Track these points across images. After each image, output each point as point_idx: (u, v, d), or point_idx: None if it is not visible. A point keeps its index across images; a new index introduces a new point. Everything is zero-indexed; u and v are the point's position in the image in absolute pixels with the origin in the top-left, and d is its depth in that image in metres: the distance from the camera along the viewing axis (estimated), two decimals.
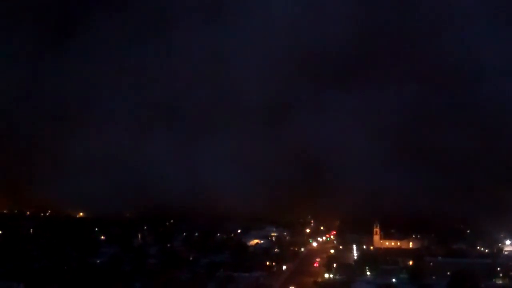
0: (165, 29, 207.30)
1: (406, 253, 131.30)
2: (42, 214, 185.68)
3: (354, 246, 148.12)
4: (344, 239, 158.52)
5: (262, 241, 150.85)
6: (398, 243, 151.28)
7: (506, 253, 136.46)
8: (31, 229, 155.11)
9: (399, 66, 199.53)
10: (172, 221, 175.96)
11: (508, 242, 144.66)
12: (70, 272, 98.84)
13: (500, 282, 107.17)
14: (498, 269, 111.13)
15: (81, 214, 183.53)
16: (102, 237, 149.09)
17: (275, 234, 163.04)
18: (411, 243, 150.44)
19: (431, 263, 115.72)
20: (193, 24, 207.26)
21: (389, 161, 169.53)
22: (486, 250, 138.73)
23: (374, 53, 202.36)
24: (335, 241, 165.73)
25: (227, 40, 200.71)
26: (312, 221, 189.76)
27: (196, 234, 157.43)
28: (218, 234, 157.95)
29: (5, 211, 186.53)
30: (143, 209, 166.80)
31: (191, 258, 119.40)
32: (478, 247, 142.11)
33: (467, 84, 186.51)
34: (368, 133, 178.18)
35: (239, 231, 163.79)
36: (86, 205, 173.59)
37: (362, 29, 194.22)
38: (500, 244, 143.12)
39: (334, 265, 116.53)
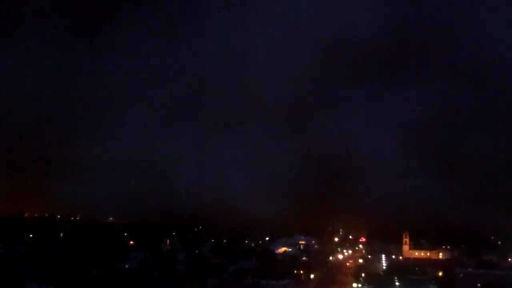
0: (187, 23, 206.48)
1: (436, 264, 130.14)
2: (72, 218, 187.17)
3: (383, 256, 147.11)
4: (373, 248, 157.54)
5: (290, 249, 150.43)
6: (428, 254, 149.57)
7: None
8: (61, 233, 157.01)
9: (429, 64, 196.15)
10: (200, 227, 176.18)
11: None
12: (99, 276, 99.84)
13: None
14: None
15: (110, 219, 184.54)
16: (131, 242, 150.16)
17: (303, 242, 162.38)
18: (441, 254, 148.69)
19: (461, 274, 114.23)
20: (216, 18, 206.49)
21: (418, 167, 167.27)
22: None
23: (402, 50, 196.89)
24: (363, 250, 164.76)
25: (250, 35, 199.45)
26: (340, 230, 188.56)
27: (224, 240, 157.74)
28: (246, 241, 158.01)
29: (36, 215, 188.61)
30: (169, 215, 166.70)
31: (219, 265, 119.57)
32: (509, 259, 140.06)
33: (500, 84, 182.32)
34: (396, 136, 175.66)
35: (267, 238, 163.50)
36: (112, 209, 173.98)
37: (388, 25, 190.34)
38: None
39: (363, 274, 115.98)
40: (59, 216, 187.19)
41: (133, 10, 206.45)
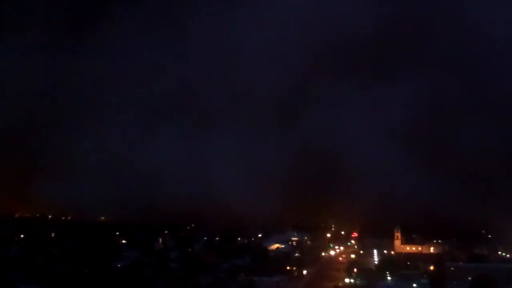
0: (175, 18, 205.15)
1: (427, 258, 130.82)
2: (63, 218, 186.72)
3: (375, 251, 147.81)
4: (365, 244, 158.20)
5: (283, 246, 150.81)
6: (419, 248, 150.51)
7: None
8: (53, 233, 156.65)
9: (423, 58, 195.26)
10: (193, 225, 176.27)
11: None
12: (92, 276, 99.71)
13: None
14: None
15: (102, 218, 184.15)
16: (123, 241, 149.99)
17: (295, 238, 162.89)
18: (432, 248, 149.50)
19: (452, 268, 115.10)
20: (203, 11, 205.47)
21: (409, 163, 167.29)
22: (508, 255, 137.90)
23: (393, 43, 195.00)
24: (355, 246, 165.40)
25: (238, 30, 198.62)
26: (332, 226, 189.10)
27: (217, 238, 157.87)
28: (239, 239, 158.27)
29: (27, 215, 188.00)
30: (161, 213, 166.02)
31: (212, 262, 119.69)
32: (499, 252, 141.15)
33: (493, 76, 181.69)
34: (387, 131, 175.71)
35: (260, 235, 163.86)
36: (104, 209, 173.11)
37: (380, 17, 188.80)
38: None
39: (355, 269, 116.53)
40: (50, 216, 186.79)
41: (118, 6, 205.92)
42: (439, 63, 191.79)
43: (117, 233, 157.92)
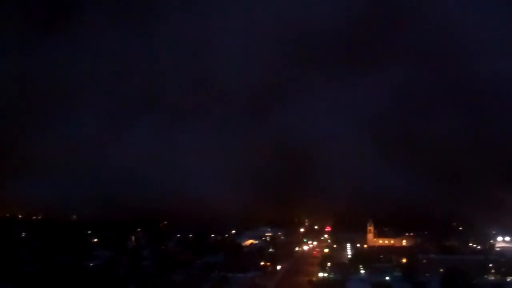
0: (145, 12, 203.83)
1: (400, 251, 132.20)
2: (34, 217, 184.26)
3: (348, 245, 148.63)
4: (338, 238, 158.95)
5: (256, 241, 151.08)
6: (392, 241, 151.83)
7: (497, 249, 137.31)
8: (24, 233, 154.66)
9: (391, 50, 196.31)
10: (165, 222, 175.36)
11: (499, 238, 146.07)
12: (64, 276, 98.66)
13: (492, 278, 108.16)
14: (490, 265, 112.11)
15: (73, 217, 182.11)
16: (95, 240, 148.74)
17: (269, 234, 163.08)
18: (404, 241, 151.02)
19: (424, 260, 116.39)
20: (174, 6, 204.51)
21: (381, 157, 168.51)
22: (478, 247, 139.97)
23: (360, 36, 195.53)
24: (329, 240, 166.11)
25: (209, 24, 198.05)
26: (306, 221, 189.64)
27: (190, 235, 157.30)
28: (213, 235, 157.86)
29: None
30: (133, 211, 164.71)
31: (185, 260, 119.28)
32: (470, 244, 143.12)
33: (460, 66, 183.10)
34: (359, 125, 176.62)
35: (233, 231, 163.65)
36: (75, 208, 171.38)
37: (349, 11, 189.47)
38: (491, 241, 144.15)
39: (329, 264, 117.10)
40: (20, 216, 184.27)
41: (88, 4, 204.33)
42: (409, 56, 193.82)
43: (89, 232, 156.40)
